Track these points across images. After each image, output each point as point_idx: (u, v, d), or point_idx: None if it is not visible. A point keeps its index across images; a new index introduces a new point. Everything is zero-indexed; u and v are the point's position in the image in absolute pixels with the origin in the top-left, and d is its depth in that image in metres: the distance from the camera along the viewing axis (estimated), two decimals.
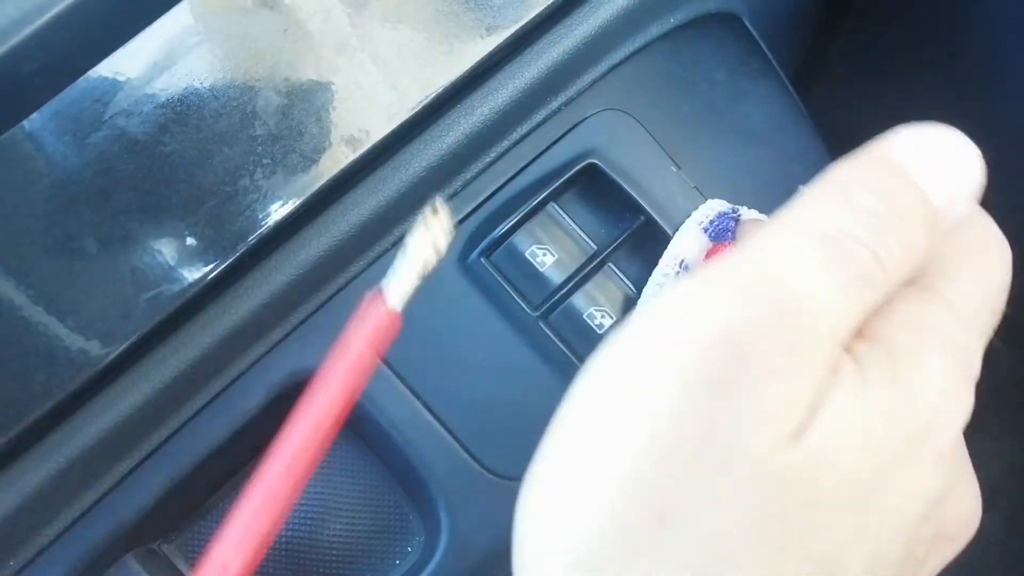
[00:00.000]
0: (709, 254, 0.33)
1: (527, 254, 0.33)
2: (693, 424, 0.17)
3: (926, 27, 0.51)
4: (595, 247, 0.34)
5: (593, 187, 0.34)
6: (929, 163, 0.20)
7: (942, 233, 0.20)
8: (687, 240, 0.33)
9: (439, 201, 0.24)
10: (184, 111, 0.28)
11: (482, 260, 0.33)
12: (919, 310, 0.19)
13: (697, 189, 0.34)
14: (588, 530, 0.18)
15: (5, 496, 0.28)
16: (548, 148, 0.34)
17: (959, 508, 0.21)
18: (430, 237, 0.24)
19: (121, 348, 0.28)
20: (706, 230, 0.33)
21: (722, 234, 0.34)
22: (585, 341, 0.33)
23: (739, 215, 0.34)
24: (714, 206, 0.34)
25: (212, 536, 0.32)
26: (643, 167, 0.34)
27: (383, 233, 0.33)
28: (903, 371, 0.18)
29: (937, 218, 0.20)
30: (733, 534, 0.17)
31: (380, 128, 0.31)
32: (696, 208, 0.34)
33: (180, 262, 0.29)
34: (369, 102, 0.30)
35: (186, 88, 0.28)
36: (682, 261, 0.33)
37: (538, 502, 0.19)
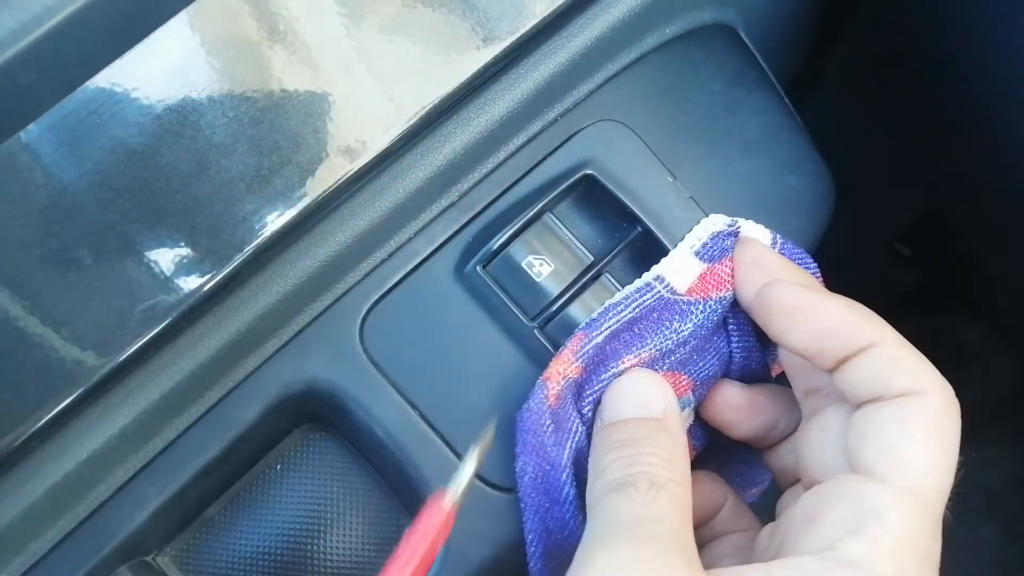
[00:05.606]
0: (703, 276, 0.33)
1: (524, 264, 0.33)
2: None
3: (921, 38, 0.51)
4: (592, 257, 0.34)
5: (590, 198, 0.34)
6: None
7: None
8: (673, 260, 0.33)
9: (491, 425, 0.30)
10: (181, 122, 0.28)
11: (479, 270, 0.33)
12: None
13: (693, 199, 0.34)
14: None
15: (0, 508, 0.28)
16: (545, 159, 0.34)
17: None
18: (482, 450, 0.29)
19: (117, 359, 0.28)
20: (698, 254, 0.33)
21: (721, 254, 0.33)
22: None
23: (738, 228, 0.34)
24: (708, 227, 0.33)
25: (208, 549, 0.32)
26: (639, 177, 0.34)
27: (380, 244, 0.33)
28: None
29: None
30: None
31: (377, 139, 0.31)
32: (695, 221, 0.34)
33: (176, 273, 0.29)
34: (366, 113, 0.30)
35: (183, 99, 0.28)
36: (659, 276, 0.33)
37: None
